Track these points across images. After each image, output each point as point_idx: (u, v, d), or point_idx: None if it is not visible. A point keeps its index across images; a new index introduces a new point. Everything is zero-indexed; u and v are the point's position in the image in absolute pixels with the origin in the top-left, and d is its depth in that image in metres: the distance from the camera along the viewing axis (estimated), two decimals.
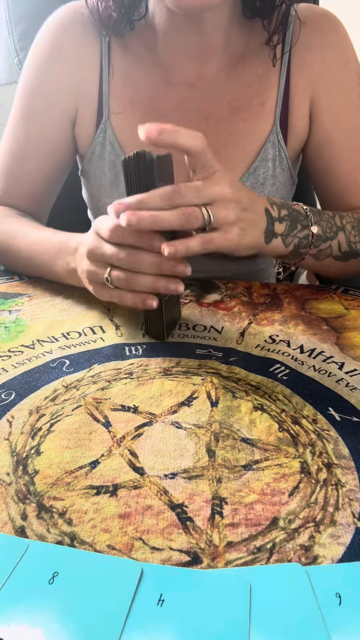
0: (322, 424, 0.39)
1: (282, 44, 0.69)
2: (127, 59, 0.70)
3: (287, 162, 0.71)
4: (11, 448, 0.36)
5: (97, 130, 0.71)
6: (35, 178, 0.74)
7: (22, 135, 0.72)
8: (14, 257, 0.67)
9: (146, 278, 0.47)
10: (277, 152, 0.70)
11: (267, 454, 0.36)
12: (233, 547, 0.29)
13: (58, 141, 0.72)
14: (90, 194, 0.77)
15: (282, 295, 0.64)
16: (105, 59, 0.70)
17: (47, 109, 0.71)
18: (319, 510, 0.32)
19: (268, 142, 0.69)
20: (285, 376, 0.46)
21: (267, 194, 0.70)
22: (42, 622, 0.24)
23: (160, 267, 0.47)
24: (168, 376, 0.46)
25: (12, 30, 0.86)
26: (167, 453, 0.36)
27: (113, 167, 0.71)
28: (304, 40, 0.68)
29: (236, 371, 0.47)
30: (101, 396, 0.43)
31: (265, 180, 0.70)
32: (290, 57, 0.69)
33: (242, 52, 0.69)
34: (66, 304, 0.60)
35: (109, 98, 0.70)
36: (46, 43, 0.70)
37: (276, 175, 0.70)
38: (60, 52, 0.70)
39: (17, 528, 0.30)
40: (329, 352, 0.50)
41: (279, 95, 0.68)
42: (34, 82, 0.71)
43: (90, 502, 0.32)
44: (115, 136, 0.70)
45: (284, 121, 0.69)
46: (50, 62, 0.70)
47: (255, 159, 0.69)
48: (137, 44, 0.70)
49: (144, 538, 0.29)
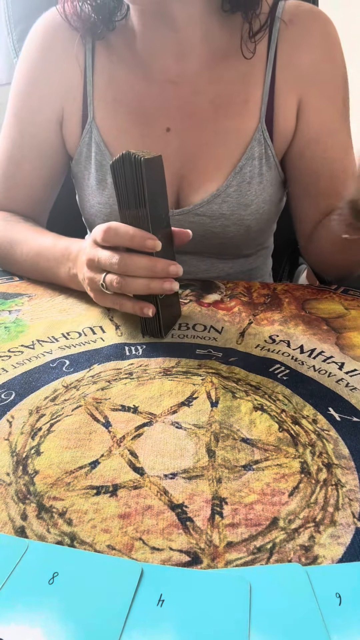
0: (322, 424, 0.39)
1: (268, 41, 0.68)
2: (110, 59, 0.70)
3: (274, 159, 0.70)
4: (11, 448, 0.36)
5: (83, 131, 0.71)
6: (32, 180, 0.74)
7: (16, 137, 0.72)
8: (19, 264, 0.67)
9: (139, 281, 0.48)
10: (264, 150, 0.69)
11: (267, 454, 0.36)
12: (233, 547, 0.29)
13: (51, 142, 0.73)
14: (80, 195, 0.77)
15: (282, 295, 0.64)
16: (90, 60, 0.70)
17: (38, 110, 0.71)
18: (319, 511, 0.32)
19: (254, 140, 0.68)
20: (285, 376, 0.46)
21: (254, 192, 0.70)
22: (42, 622, 0.24)
23: (152, 269, 0.48)
24: (168, 376, 0.46)
25: (11, 30, 0.86)
26: (167, 453, 0.36)
27: (100, 168, 0.71)
28: (291, 39, 0.67)
29: (236, 371, 0.47)
30: (101, 396, 0.43)
31: (251, 179, 0.69)
32: (276, 55, 0.67)
33: (224, 49, 0.68)
34: (66, 304, 0.60)
35: (94, 98, 0.70)
36: (34, 46, 0.71)
37: (263, 174, 0.70)
38: (47, 54, 0.70)
39: (17, 528, 0.30)
40: (329, 352, 0.50)
41: (264, 93, 0.68)
42: (25, 85, 0.72)
43: (90, 502, 0.32)
44: (101, 136, 0.70)
45: (269, 119, 0.69)
46: (38, 65, 0.71)
47: (241, 157, 0.69)
48: (120, 43, 0.70)
49: (144, 538, 0.29)
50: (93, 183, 0.72)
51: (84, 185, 0.74)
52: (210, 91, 0.68)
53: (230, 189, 0.69)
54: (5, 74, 0.92)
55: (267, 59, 0.68)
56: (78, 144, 0.72)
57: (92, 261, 0.51)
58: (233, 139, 0.69)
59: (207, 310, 0.59)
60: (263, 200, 0.71)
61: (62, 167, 0.77)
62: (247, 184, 0.70)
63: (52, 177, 0.76)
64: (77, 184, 0.77)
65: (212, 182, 0.69)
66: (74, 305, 0.60)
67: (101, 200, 0.72)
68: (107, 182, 0.71)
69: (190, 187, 0.70)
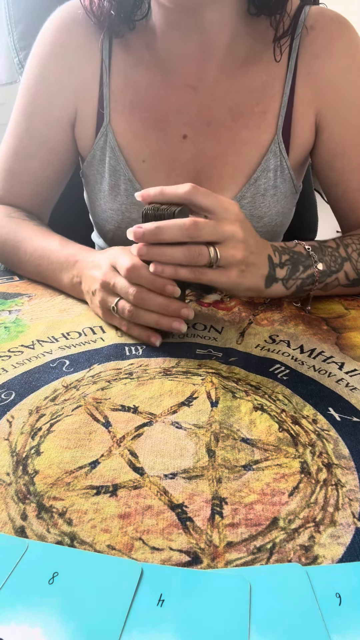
0: (322, 424, 0.39)
1: (289, 49, 0.66)
2: (128, 60, 0.69)
3: (289, 172, 0.70)
4: (11, 448, 0.36)
5: (98, 134, 0.70)
6: (37, 178, 0.73)
7: (24, 133, 0.72)
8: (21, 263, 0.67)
9: (151, 315, 0.50)
10: (279, 162, 0.68)
11: (267, 454, 0.36)
12: (233, 547, 0.29)
13: (59, 140, 0.72)
14: (90, 198, 0.77)
15: None
16: (106, 60, 0.69)
17: (48, 107, 0.70)
18: (319, 511, 0.32)
19: (269, 152, 0.68)
20: (285, 376, 0.46)
21: (267, 204, 0.70)
22: (42, 622, 0.24)
23: (166, 309, 0.49)
24: (168, 376, 0.46)
25: (12, 30, 0.86)
26: (167, 453, 0.36)
27: (113, 173, 0.70)
28: (312, 48, 0.66)
29: (236, 371, 0.47)
30: (101, 396, 0.43)
31: (266, 191, 0.69)
32: (297, 64, 0.66)
33: (246, 55, 0.67)
34: (66, 304, 0.60)
35: (110, 101, 0.69)
36: (48, 41, 0.70)
37: (277, 186, 0.69)
38: (61, 51, 0.69)
39: (17, 528, 0.30)
40: (329, 352, 0.50)
41: (283, 104, 0.67)
42: (35, 81, 0.70)
43: (90, 502, 0.32)
44: (116, 141, 0.69)
45: (286, 131, 0.68)
46: (51, 60, 0.69)
47: (256, 169, 0.68)
48: (139, 44, 0.68)
49: (144, 538, 0.29)
50: (105, 188, 0.72)
51: (96, 189, 0.73)
52: (228, 99, 0.67)
53: (244, 200, 0.68)
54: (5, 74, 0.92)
55: (287, 67, 0.67)
56: (91, 147, 0.71)
57: (108, 284, 0.52)
58: (249, 150, 0.68)
59: (207, 310, 0.59)
60: (276, 212, 0.71)
61: (69, 166, 0.76)
62: (261, 195, 0.69)
63: (57, 175, 0.75)
64: (87, 186, 0.76)
65: (226, 191, 0.68)
66: (74, 305, 0.60)
67: (113, 207, 0.71)
68: (120, 188, 0.70)
69: None
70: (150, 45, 0.68)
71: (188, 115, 0.68)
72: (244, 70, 0.67)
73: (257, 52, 0.67)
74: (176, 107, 0.68)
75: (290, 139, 0.68)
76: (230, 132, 0.68)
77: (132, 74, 0.69)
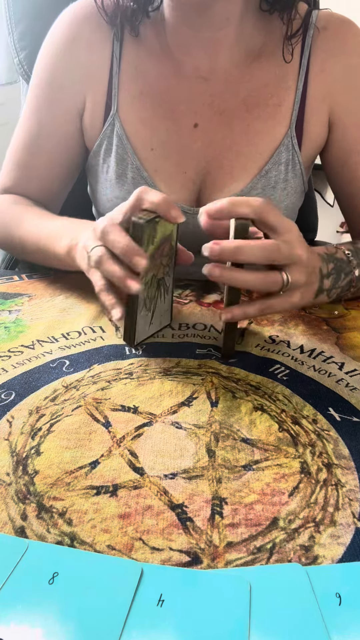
0: (322, 424, 0.39)
1: (301, 48, 0.67)
2: (138, 50, 0.69)
3: (300, 167, 0.70)
4: (11, 448, 0.36)
5: (105, 122, 0.70)
6: (47, 171, 0.74)
7: (34, 126, 0.72)
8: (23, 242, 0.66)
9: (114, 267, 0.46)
10: (291, 156, 0.69)
11: (267, 454, 0.36)
12: (233, 547, 0.29)
13: (69, 133, 0.72)
14: (95, 189, 0.76)
15: None
16: (117, 50, 0.69)
17: (58, 99, 0.70)
18: (319, 511, 0.32)
19: (282, 145, 0.68)
20: (285, 376, 0.46)
21: (277, 198, 0.69)
22: (42, 622, 0.24)
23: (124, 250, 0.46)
24: (168, 376, 0.46)
25: (12, 30, 0.86)
26: (167, 453, 0.36)
27: (121, 162, 0.70)
28: (324, 46, 0.67)
29: (236, 371, 0.47)
30: (101, 396, 0.43)
31: (276, 184, 0.69)
32: (310, 62, 0.67)
33: (259, 50, 0.68)
34: (66, 304, 0.60)
35: (119, 90, 0.69)
36: (58, 35, 0.70)
37: (288, 180, 0.70)
38: (72, 44, 0.69)
39: (17, 528, 0.30)
40: (329, 352, 0.50)
41: (296, 99, 0.67)
42: (46, 74, 0.71)
43: (90, 502, 0.32)
44: (123, 129, 0.69)
45: (299, 126, 0.68)
46: (61, 54, 0.70)
47: (268, 160, 0.68)
48: (150, 35, 0.69)
49: (144, 538, 0.29)
50: (112, 176, 0.71)
51: (102, 178, 0.73)
52: (242, 90, 0.68)
53: (255, 191, 0.68)
54: (5, 74, 0.91)
55: (300, 65, 0.67)
56: (98, 136, 0.71)
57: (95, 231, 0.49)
58: (262, 141, 0.68)
59: (207, 310, 0.59)
60: (285, 207, 0.71)
61: (78, 160, 0.76)
62: (271, 188, 0.69)
63: (67, 169, 0.75)
64: (92, 177, 0.76)
65: (237, 182, 0.68)
66: (74, 305, 0.60)
67: (119, 195, 0.71)
68: (128, 176, 0.70)
69: (214, 185, 0.69)
70: (161, 36, 0.68)
71: (200, 104, 0.68)
72: (257, 65, 0.68)
73: (269, 48, 0.68)
74: (187, 96, 0.68)
75: (303, 134, 0.69)
76: (244, 123, 0.68)
77: (143, 64, 0.69)
